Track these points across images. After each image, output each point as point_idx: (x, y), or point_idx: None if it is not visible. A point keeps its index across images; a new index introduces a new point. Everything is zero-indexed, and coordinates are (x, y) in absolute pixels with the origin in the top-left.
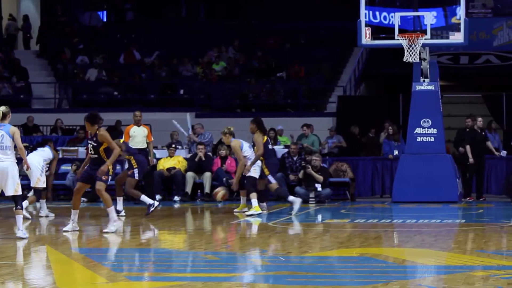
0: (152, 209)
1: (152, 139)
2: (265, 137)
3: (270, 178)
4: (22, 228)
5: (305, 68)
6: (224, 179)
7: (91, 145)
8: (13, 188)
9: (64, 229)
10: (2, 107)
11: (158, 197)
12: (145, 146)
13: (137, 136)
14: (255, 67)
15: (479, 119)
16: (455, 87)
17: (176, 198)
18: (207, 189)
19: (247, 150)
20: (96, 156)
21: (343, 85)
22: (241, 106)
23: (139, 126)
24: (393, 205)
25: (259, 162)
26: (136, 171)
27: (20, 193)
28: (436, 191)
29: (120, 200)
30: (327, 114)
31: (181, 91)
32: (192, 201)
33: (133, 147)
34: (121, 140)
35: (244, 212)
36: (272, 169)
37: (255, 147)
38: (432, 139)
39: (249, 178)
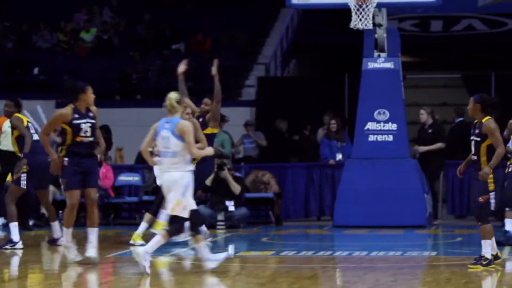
0: (9, 246)
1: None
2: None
3: None
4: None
5: (212, 37)
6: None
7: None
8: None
9: None
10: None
11: (1, 221)
12: None
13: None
14: (141, 36)
15: (421, 111)
16: (423, 64)
17: (30, 222)
18: None
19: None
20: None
21: (265, 62)
22: (122, 91)
23: None
24: (336, 230)
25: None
26: (23, 177)
27: (180, 213)
28: (396, 211)
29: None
30: (242, 103)
31: (35, 70)
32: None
33: (5, 148)
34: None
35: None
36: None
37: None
38: (391, 137)
39: None
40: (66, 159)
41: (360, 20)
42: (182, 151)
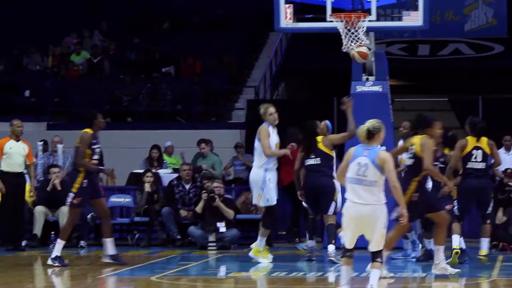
0: None
1: (34, 160)
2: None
3: None
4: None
5: (202, 61)
6: (88, 216)
7: None
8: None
9: None
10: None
11: None
12: (22, 169)
13: (14, 155)
14: (131, 59)
15: None
16: (411, 87)
17: (23, 243)
18: None
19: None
20: None
21: (255, 85)
22: (112, 114)
23: (18, 141)
24: (326, 252)
25: None
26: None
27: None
28: None
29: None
30: (232, 126)
31: (27, 93)
32: (43, 246)
33: (6, 169)
34: None
35: None
36: None
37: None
38: None
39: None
40: (85, 180)
41: (349, 43)
42: (380, 182)
